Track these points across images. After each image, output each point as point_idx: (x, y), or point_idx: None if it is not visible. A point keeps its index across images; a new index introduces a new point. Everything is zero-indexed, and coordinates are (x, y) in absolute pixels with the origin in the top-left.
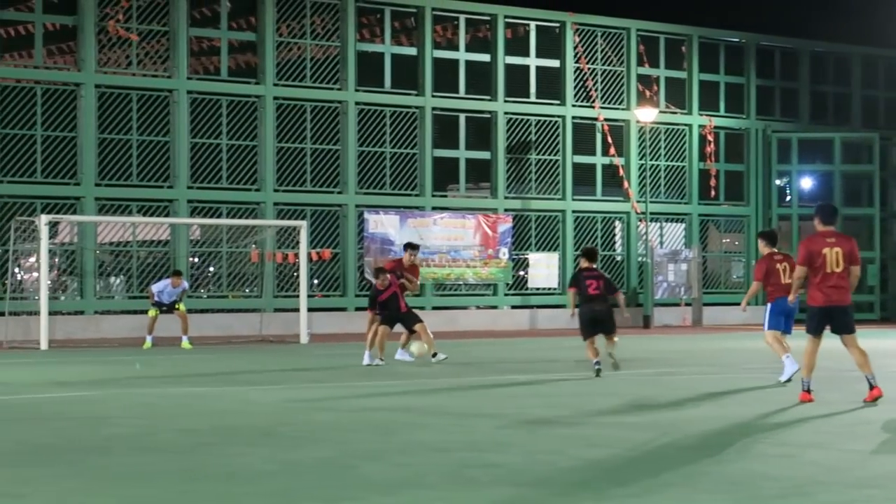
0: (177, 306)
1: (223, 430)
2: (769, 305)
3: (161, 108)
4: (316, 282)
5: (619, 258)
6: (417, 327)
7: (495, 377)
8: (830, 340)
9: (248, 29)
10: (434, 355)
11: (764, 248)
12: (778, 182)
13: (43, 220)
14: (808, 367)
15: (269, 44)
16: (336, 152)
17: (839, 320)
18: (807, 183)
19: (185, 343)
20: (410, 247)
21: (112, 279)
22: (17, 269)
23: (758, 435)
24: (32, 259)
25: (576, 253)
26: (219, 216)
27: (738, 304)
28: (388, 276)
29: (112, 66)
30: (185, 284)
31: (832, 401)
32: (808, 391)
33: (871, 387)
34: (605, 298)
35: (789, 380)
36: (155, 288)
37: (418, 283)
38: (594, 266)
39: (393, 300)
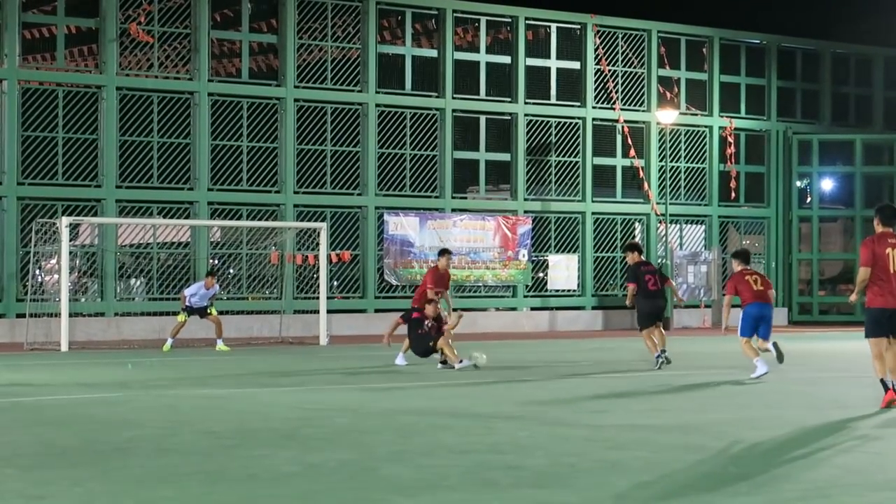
0: (209, 311)
1: (244, 432)
2: (741, 314)
3: (182, 111)
4: (336, 283)
5: None
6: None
7: (516, 379)
8: (844, 342)
9: (269, 31)
10: (444, 363)
11: (737, 266)
12: (798, 184)
13: (64, 223)
14: (882, 368)
15: (290, 46)
16: (356, 154)
17: (894, 322)
18: (827, 185)
19: (221, 346)
20: (447, 253)
21: (132, 281)
22: (38, 271)
23: (778, 437)
24: (53, 261)
25: (596, 255)
26: (239, 218)
27: None
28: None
29: (133, 69)
30: (217, 287)
31: (853, 403)
32: (893, 388)
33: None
34: (662, 292)
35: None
36: (188, 292)
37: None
38: (643, 258)
39: (420, 325)
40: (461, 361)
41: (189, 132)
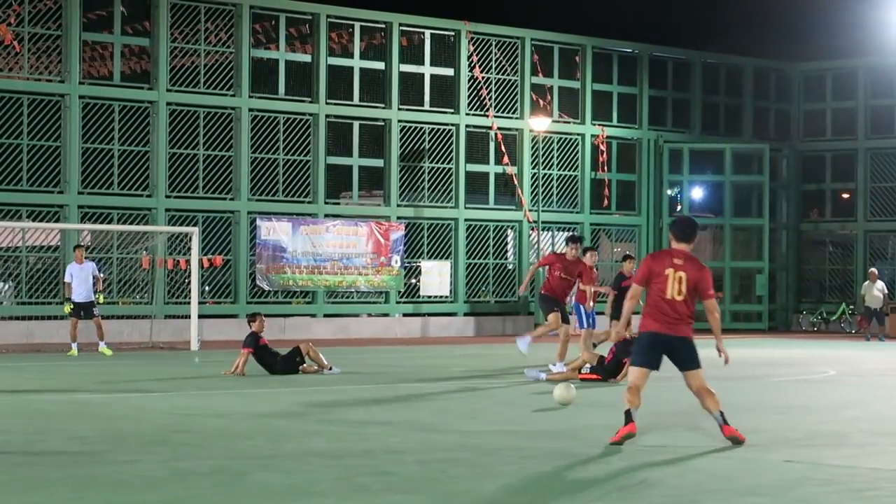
0: (97, 300)
1: (113, 437)
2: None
3: (53, 113)
4: (207, 289)
5: (510, 267)
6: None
7: (388, 385)
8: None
9: (141, 34)
10: (329, 369)
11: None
12: (669, 192)
13: None
14: (634, 399)
15: (162, 49)
16: (229, 159)
17: (677, 353)
18: (698, 193)
19: (103, 348)
20: (573, 240)
21: (0, 285)
22: None
23: (647, 443)
24: None
25: (468, 261)
26: (110, 222)
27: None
28: (264, 320)
29: (4, 70)
30: (93, 264)
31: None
32: (635, 421)
33: (723, 424)
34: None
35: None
36: (67, 277)
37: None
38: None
39: (267, 349)
40: (330, 369)
41: (60, 135)
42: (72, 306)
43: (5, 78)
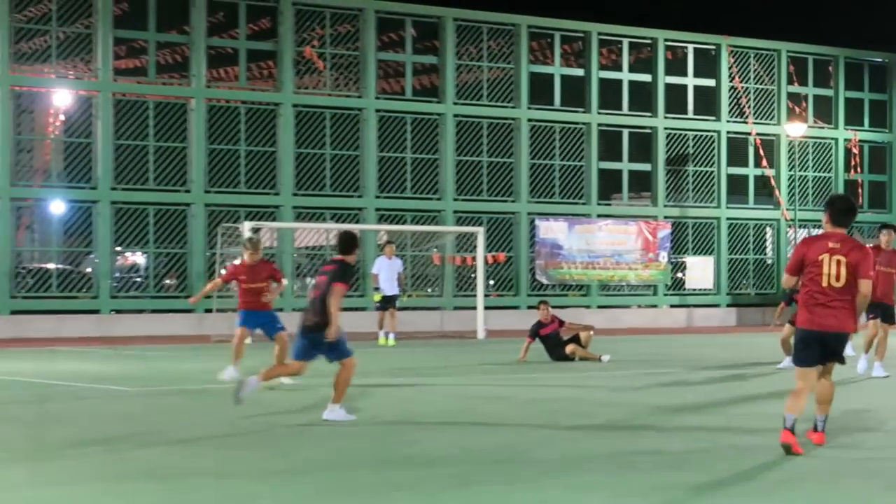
0: (401, 296)
1: (408, 417)
2: None
3: (352, 125)
4: (492, 282)
5: (769, 262)
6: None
7: (654, 370)
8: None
9: (430, 52)
10: (599, 359)
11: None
12: None
13: (246, 227)
14: (795, 405)
15: (449, 65)
16: (510, 165)
17: (833, 348)
18: None
19: (391, 339)
20: (886, 227)
21: (308, 280)
22: (222, 271)
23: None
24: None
25: (730, 257)
26: (403, 223)
27: None
28: (550, 310)
29: (308, 88)
30: (400, 261)
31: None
32: (792, 429)
33: (816, 429)
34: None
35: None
36: (374, 270)
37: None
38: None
39: (554, 338)
40: (599, 359)
41: (358, 145)
42: (381, 297)
43: (308, 94)
